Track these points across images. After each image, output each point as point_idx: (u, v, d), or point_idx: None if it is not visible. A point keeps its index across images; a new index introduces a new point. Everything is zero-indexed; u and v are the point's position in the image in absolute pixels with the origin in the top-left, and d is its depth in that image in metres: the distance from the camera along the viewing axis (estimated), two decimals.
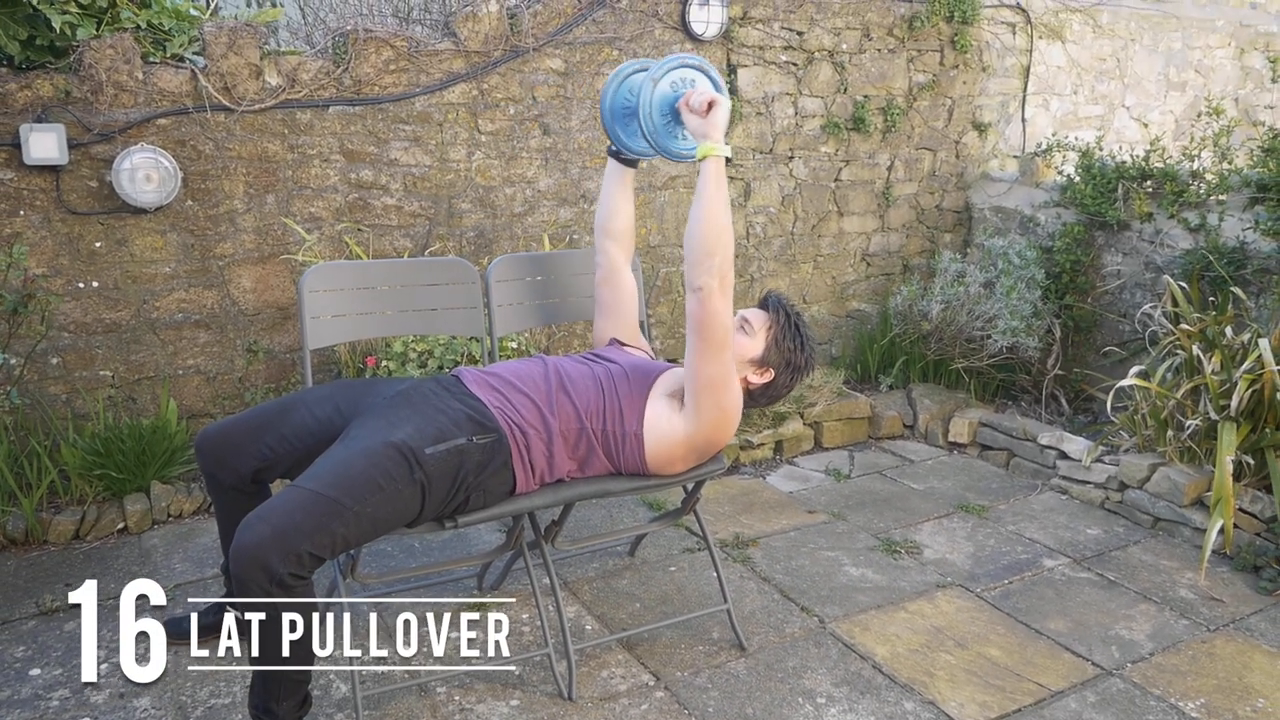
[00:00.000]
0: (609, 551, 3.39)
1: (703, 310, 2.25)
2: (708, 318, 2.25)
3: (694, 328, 2.28)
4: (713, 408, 2.37)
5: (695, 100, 2.30)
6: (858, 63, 4.93)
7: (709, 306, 2.24)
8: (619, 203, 2.79)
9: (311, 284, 2.75)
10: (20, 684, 2.56)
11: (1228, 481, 3.32)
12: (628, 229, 2.82)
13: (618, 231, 2.80)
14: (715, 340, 2.28)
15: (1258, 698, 2.63)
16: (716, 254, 2.23)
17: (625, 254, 2.83)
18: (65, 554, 3.28)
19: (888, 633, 2.92)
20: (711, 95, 2.29)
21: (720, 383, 2.34)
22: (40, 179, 3.42)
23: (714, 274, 2.22)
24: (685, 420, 2.40)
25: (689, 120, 2.32)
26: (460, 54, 3.99)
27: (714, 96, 2.29)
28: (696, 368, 2.32)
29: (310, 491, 2.04)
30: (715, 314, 2.25)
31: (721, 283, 2.23)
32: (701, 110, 2.30)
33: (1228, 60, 6.77)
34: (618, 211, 2.79)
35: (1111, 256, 4.74)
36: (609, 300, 2.82)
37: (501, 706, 2.51)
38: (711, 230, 2.23)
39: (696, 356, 2.30)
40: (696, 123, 2.30)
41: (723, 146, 2.27)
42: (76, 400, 3.62)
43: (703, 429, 2.40)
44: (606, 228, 2.80)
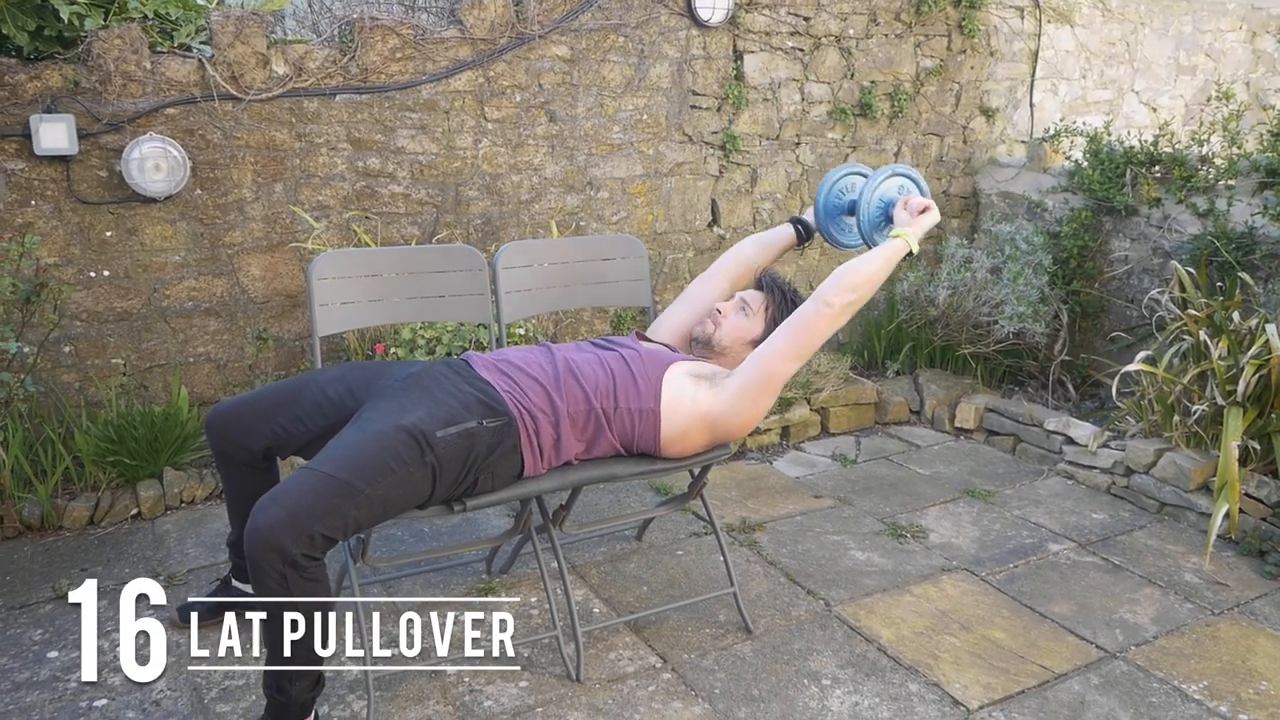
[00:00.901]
0: (616, 536, 3.42)
1: (815, 320, 2.41)
2: (814, 328, 2.42)
3: (796, 326, 2.42)
4: (751, 399, 2.45)
5: (914, 203, 2.57)
6: (864, 48, 4.93)
7: (822, 320, 2.41)
8: (768, 253, 2.94)
9: (320, 271, 2.77)
10: (39, 666, 2.60)
11: (1233, 466, 3.32)
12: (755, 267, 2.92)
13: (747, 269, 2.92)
14: (801, 347, 2.44)
15: (1261, 680, 2.65)
16: (858, 293, 2.43)
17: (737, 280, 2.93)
18: (80, 539, 3.32)
19: (893, 616, 2.94)
20: (928, 203, 2.56)
21: (775, 383, 2.46)
22: (51, 169, 3.44)
23: (845, 303, 2.42)
24: (714, 397, 2.46)
25: (899, 215, 2.55)
26: (466, 41, 4.01)
27: (929, 204, 2.56)
28: (769, 359, 2.43)
29: (323, 474, 2.07)
30: (820, 330, 2.43)
31: (842, 312, 2.42)
32: (916, 211, 2.54)
33: (1239, 44, 6.74)
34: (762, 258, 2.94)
35: (1119, 242, 4.74)
36: (699, 294, 2.90)
37: (510, 688, 2.54)
38: (867, 278, 2.45)
39: (777, 351, 2.43)
40: (905, 217, 2.53)
41: (914, 242, 2.50)
42: (89, 388, 3.66)
43: (728, 410, 2.45)
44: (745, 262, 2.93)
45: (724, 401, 2.45)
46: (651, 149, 4.52)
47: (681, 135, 4.58)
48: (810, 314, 2.42)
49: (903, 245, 2.48)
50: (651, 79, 4.43)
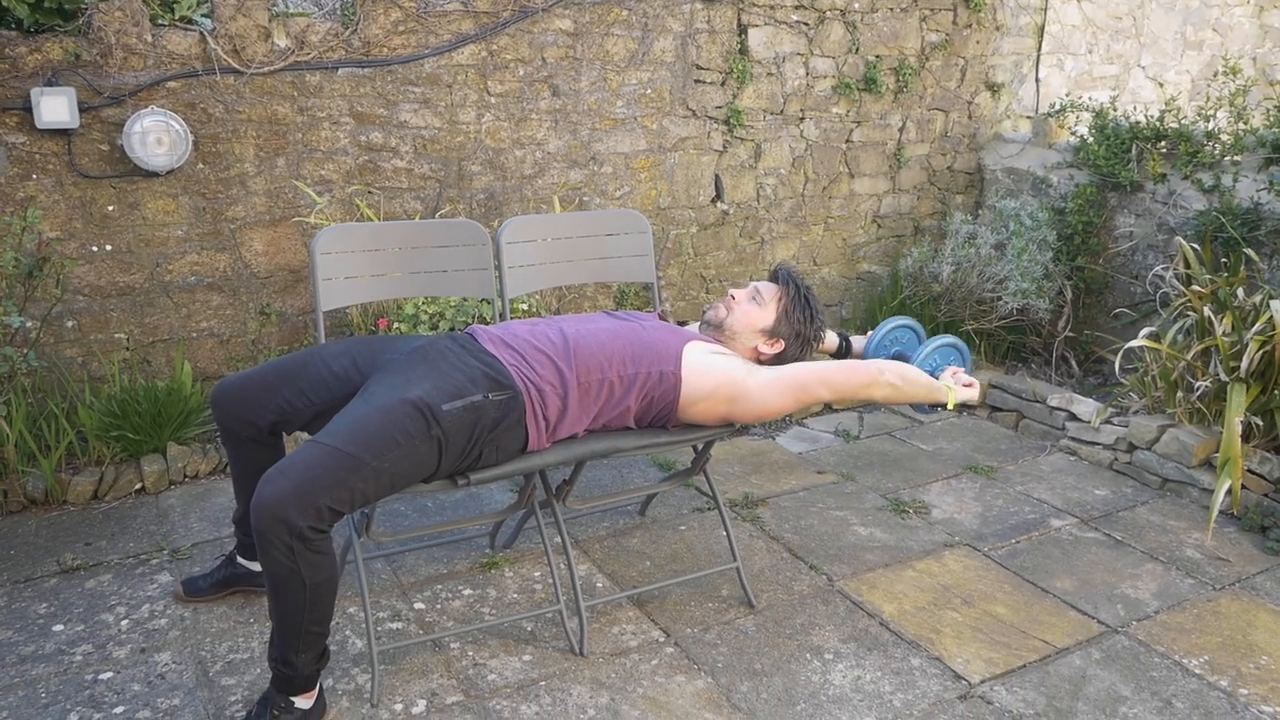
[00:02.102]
0: (620, 511, 3.43)
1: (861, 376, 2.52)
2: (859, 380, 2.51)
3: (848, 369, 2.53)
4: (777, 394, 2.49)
5: (962, 378, 2.67)
6: (869, 22, 4.89)
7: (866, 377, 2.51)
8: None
9: (323, 246, 2.76)
10: (44, 640, 2.61)
11: (1236, 442, 3.32)
12: None
13: None
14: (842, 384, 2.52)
15: (1261, 655, 2.66)
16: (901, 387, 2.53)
17: None
18: (84, 514, 3.33)
19: (895, 591, 2.95)
20: (973, 381, 2.67)
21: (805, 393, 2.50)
22: (52, 143, 3.43)
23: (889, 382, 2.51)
24: (750, 371, 2.51)
25: (946, 376, 2.65)
26: (469, 15, 3.98)
27: (974, 382, 2.66)
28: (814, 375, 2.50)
29: (330, 447, 2.07)
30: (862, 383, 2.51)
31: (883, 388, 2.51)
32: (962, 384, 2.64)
33: (1246, 18, 6.69)
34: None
35: (1124, 218, 4.72)
36: None
37: (514, 661, 2.56)
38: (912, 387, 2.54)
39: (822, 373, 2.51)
40: (950, 380, 2.63)
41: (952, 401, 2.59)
42: (92, 363, 3.66)
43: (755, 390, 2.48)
44: None
45: (757, 380, 2.48)
46: (655, 124, 4.49)
47: (685, 110, 4.55)
48: (864, 370, 2.51)
49: (944, 393, 2.59)
50: (655, 53, 4.40)
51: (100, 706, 2.35)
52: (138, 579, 2.93)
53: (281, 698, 2.20)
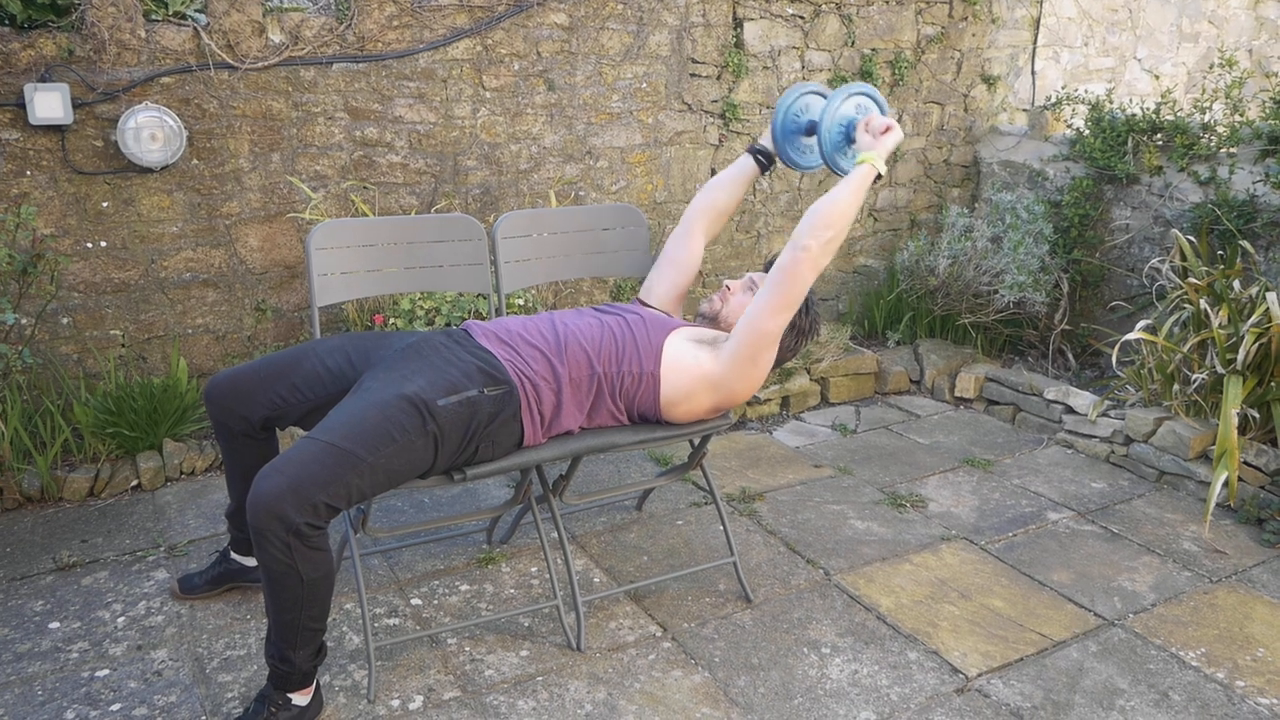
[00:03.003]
0: (616, 506, 3.43)
1: (795, 267, 2.38)
2: (795, 275, 2.38)
3: (777, 279, 2.40)
4: (749, 358, 2.45)
5: (876, 123, 2.52)
6: (865, 15, 4.88)
7: (802, 265, 2.38)
8: (734, 190, 2.90)
9: (319, 242, 2.76)
10: (40, 637, 2.61)
11: (1233, 435, 3.33)
12: (726, 211, 2.90)
13: (720, 212, 2.90)
14: (787, 298, 2.40)
15: (1258, 647, 2.67)
16: (833, 229, 2.38)
17: (710, 228, 2.91)
18: (80, 511, 3.33)
19: (892, 584, 2.95)
20: (890, 122, 2.51)
21: (769, 339, 2.44)
22: (46, 139, 3.42)
23: (821, 243, 2.37)
24: (715, 360, 2.47)
25: (862, 138, 2.50)
26: (464, 9, 3.96)
27: (892, 124, 2.50)
28: (758, 316, 2.41)
29: (325, 443, 2.07)
30: (802, 275, 2.39)
31: (822, 252, 2.38)
32: (878, 133, 2.49)
33: (1242, 10, 6.68)
34: (730, 198, 2.90)
35: (1120, 210, 4.72)
36: (676, 255, 2.88)
37: (511, 657, 2.56)
38: (840, 213, 2.39)
39: (764, 307, 2.41)
40: (868, 140, 2.49)
41: (881, 164, 2.46)
42: (88, 359, 3.65)
43: (730, 374, 2.46)
44: (714, 206, 2.89)
45: (724, 362, 2.46)
46: (651, 118, 4.48)
47: (681, 104, 4.54)
48: (789, 262, 2.39)
49: (869, 170, 2.44)
50: (651, 47, 4.39)
51: (97, 704, 2.34)
52: (134, 576, 2.92)
53: (279, 694, 2.20)
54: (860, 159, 2.46)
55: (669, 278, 2.85)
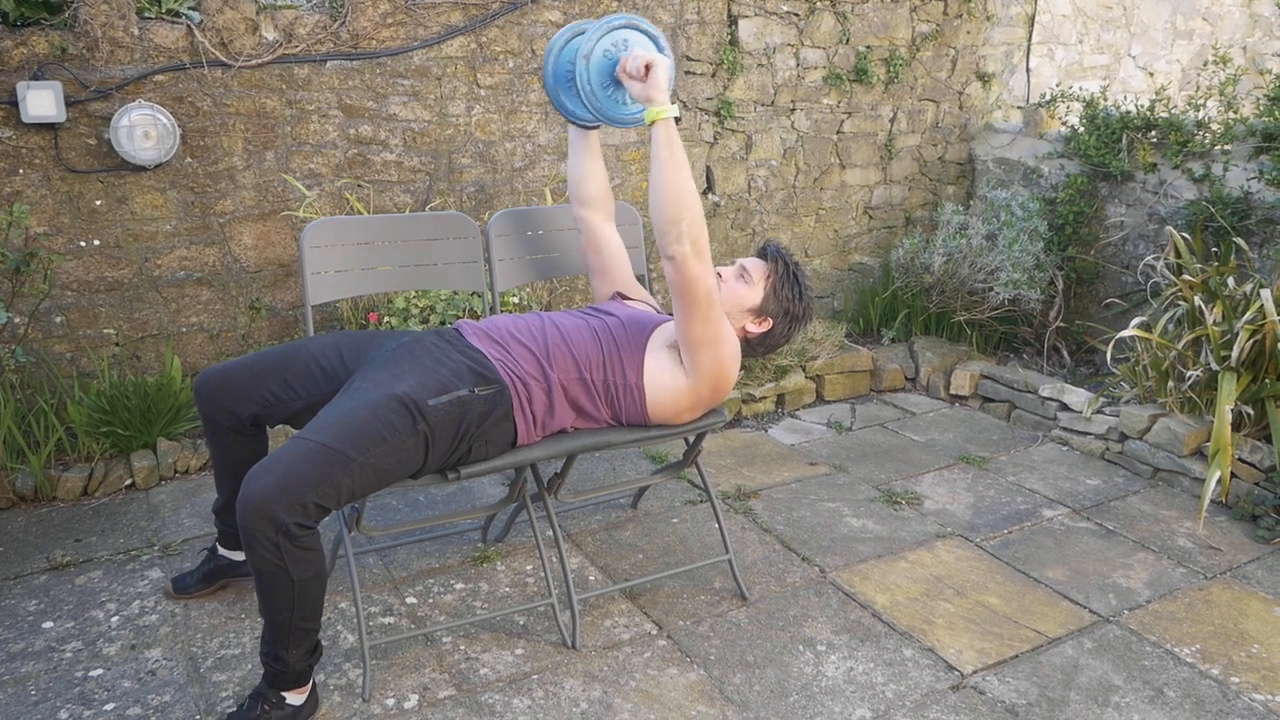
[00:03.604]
0: (612, 504, 3.42)
1: (681, 277, 2.25)
2: (687, 283, 2.26)
3: (676, 293, 2.30)
4: (710, 363, 2.40)
5: (632, 65, 2.22)
6: (860, 12, 4.88)
7: (687, 273, 2.24)
8: (588, 167, 2.77)
9: (312, 239, 2.75)
10: (34, 637, 2.60)
11: (1227, 431, 3.33)
12: (602, 191, 2.80)
13: (591, 197, 2.80)
14: (700, 302, 2.29)
15: (1252, 643, 2.67)
16: (683, 219, 2.21)
17: (605, 216, 2.83)
18: (74, 510, 3.32)
19: (887, 582, 2.95)
20: (648, 56, 2.21)
21: (712, 339, 2.36)
22: (39, 137, 3.41)
23: (684, 240, 2.21)
24: (685, 374, 2.43)
25: (630, 86, 2.26)
26: (458, 6, 3.96)
27: (650, 57, 2.20)
28: (686, 330, 2.35)
29: (315, 443, 2.06)
30: (694, 279, 2.25)
31: (694, 246, 2.22)
32: (640, 75, 2.23)
33: (1236, 7, 6.69)
34: (587, 176, 2.77)
35: (1115, 208, 4.72)
36: (597, 265, 2.85)
37: (506, 655, 2.55)
38: (673, 196, 2.21)
39: (684, 320, 2.33)
40: (638, 88, 2.24)
41: (670, 108, 2.21)
42: (81, 358, 3.64)
43: (704, 383, 2.43)
44: (579, 195, 2.80)
45: (693, 379, 2.43)
46: None
47: (675, 101, 4.53)
48: (673, 275, 2.25)
49: (665, 125, 2.20)
50: None
51: (91, 703, 2.34)
52: (128, 575, 2.92)
53: (273, 693, 2.20)
54: (647, 117, 2.22)
55: (608, 284, 2.83)
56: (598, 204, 2.81)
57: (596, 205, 2.81)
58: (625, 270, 2.84)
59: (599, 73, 2.32)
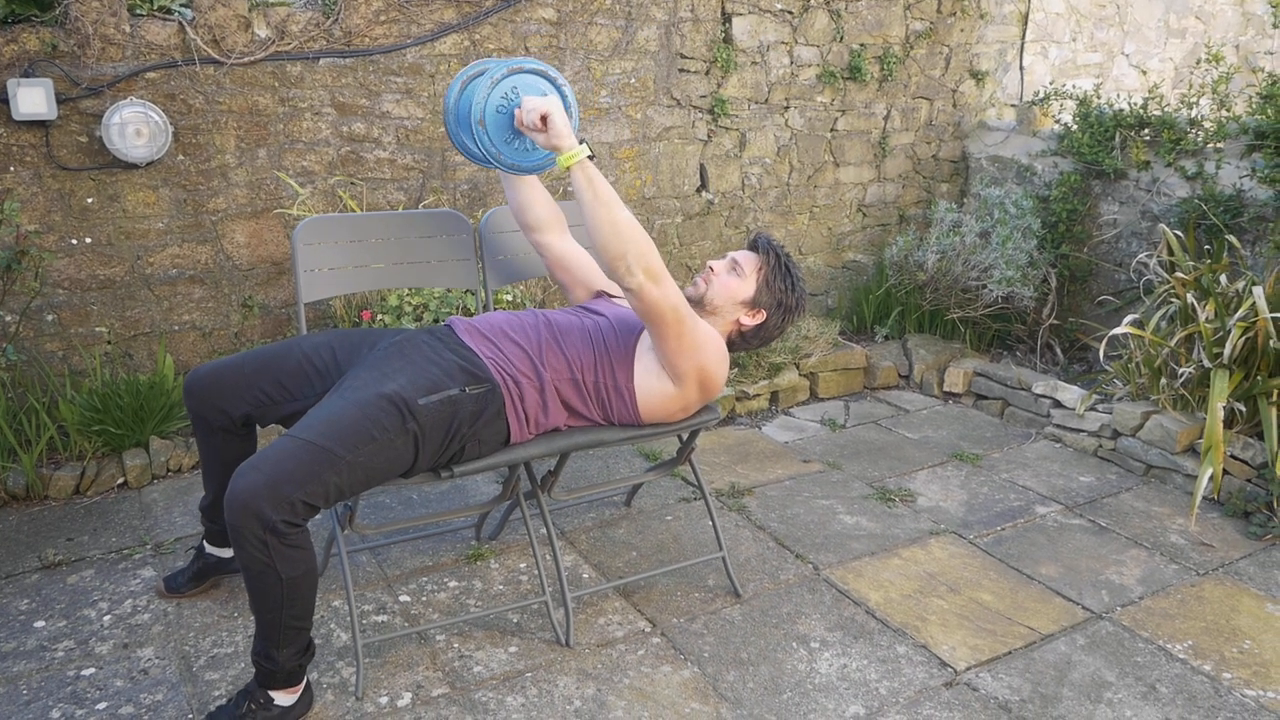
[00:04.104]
0: (605, 502, 3.42)
1: (644, 304, 2.24)
2: (651, 308, 2.24)
3: (644, 319, 2.29)
4: (693, 371, 2.39)
5: (528, 119, 2.20)
6: (854, 10, 4.88)
7: (648, 299, 2.22)
8: (525, 196, 2.72)
9: (305, 237, 2.74)
10: (25, 636, 2.59)
11: (1219, 428, 3.34)
12: (548, 211, 2.75)
13: (539, 220, 2.75)
14: (669, 321, 2.27)
15: (1244, 639, 2.68)
16: (627, 252, 2.18)
17: (559, 232, 2.78)
18: (66, 509, 3.31)
19: (881, 579, 2.95)
20: (540, 106, 2.16)
21: (690, 349, 2.35)
22: (29, 134, 3.39)
23: (635, 270, 2.18)
24: (674, 384, 2.43)
25: (534, 138, 2.23)
26: (451, 4, 3.95)
27: (542, 107, 2.17)
28: (662, 348, 2.34)
29: (303, 441, 2.05)
30: (656, 302, 2.23)
31: (647, 273, 2.19)
32: (537, 126, 2.20)
33: (1229, 6, 6.70)
34: (529, 204, 2.72)
35: (1108, 205, 4.73)
36: (568, 280, 2.83)
37: (500, 653, 2.55)
38: (610, 233, 2.18)
39: (659, 340, 2.32)
40: (541, 139, 2.21)
41: (579, 149, 2.19)
42: (73, 357, 3.62)
43: (690, 388, 2.43)
44: (526, 223, 2.75)
45: (680, 387, 2.42)
46: (639, 113, 4.48)
47: (669, 99, 4.53)
48: (638, 306, 2.25)
49: (581, 167, 2.19)
50: (639, 42, 4.38)
51: (83, 703, 2.33)
52: (120, 574, 2.91)
53: (261, 692, 2.19)
54: (561, 164, 2.21)
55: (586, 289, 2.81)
56: (548, 224, 2.76)
57: (547, 226, 2.76)
58: (594, 274, 2.81)
59: (497, 129, 2.29)
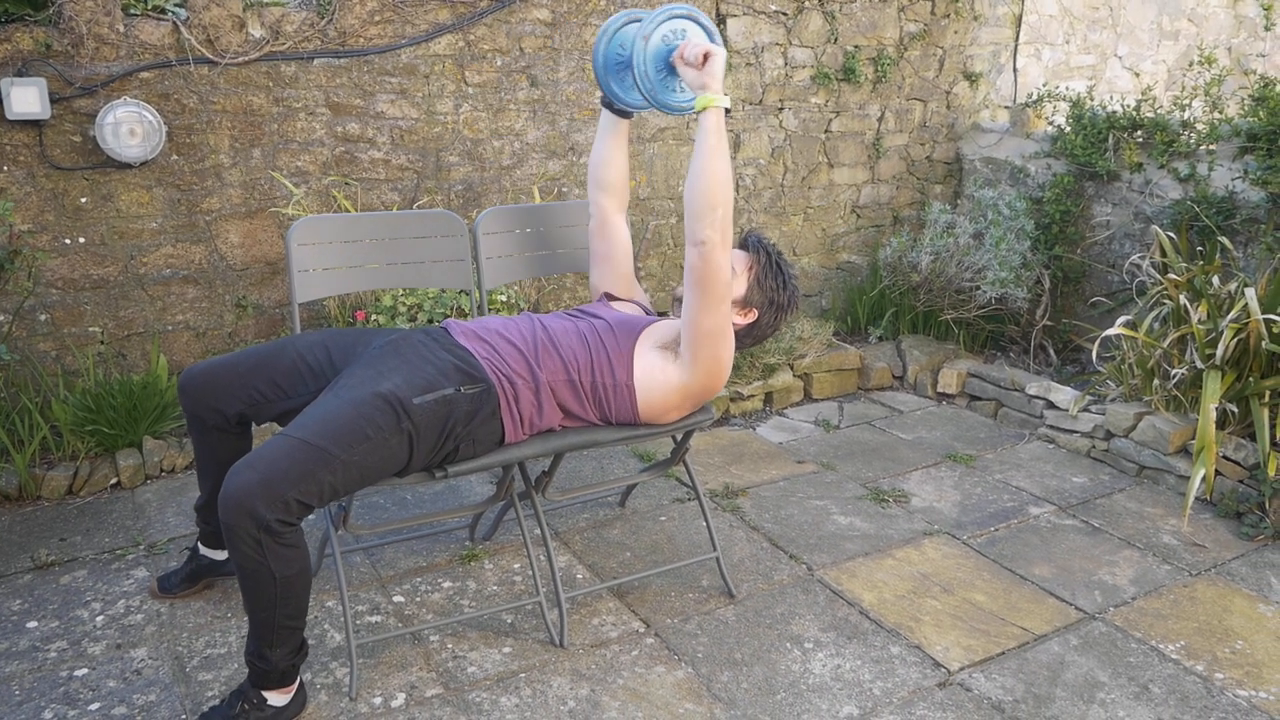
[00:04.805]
0: (599, 502, 3.42)
1: (705, 264, 2.26)
2: (711, 271, 2.26)
3: (695, 280, 2.29)
4: (709, 358, 2.39)
5: (690, 53, 2.26)
6: (848, 12, 4.89)
7: (712, 260, 2.25)
8: (612, 153, 2.77)
9: (299, 237, 2.74)
10: (18, 636, 2.58)
11: (1211, 429, 3.35)
12: (621, 180, 2.80)
13: (610, 182, 2.79)
14: (717, 293, 2.30)
15: (1236, 639, 2.68)
16: (719, 207, 2.23)
17: (618, 205, 2.82)
18: (59, 509, 3.30)
19: (875, 579, 2.96)
20: (706, 46, 2.25)
21: (719, 333, 2.36)
22: (23, 134, 3.39)
23: (716, 227, 2.23)
24: (681, 369, 2.42)
25: (685, 73, 2.28)
26: (446, 4, 3.95)
27: (709, 47, 2.25)
28: (696, 320, 2.33)
29: (297, 440, 2.05)
30: (718, 267, 2.26)
31: (723, 235, 2.24)
32: (697, 63, 2.25)
33: (1221, 8, 6.72)
34: (610, 162, 2.77)
35: (1101, 207, 4.74)
36: (602, 251, 2.83)
37: (494, 654, 2.55)
38: (714, 183, 2.23)
39: (697, 309, 2.32)
40: (693, 75, 2.26)
41: (721, 97, 2.24)
42: (66, 357, 3.62)
43: (698, 378, 2.43)
44: (599, 178, 2.79)
45: (687, 371, 2.42)
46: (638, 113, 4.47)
47: None
48: (697, 260, 2.26)
49: (715, 113, 2.23)
50: None
51: (75, 703, 2.33)
52: (113, 575, 2.90)
53: (254, 693, 2.18)
54: (699, 104, 2.25)
55: (608, 273, 2.82)
56: (614, 191, 2.80)
57: (613, 192, 2.80)
58: (626, 262, 2.83)
59: (655, 58, 2.35)
